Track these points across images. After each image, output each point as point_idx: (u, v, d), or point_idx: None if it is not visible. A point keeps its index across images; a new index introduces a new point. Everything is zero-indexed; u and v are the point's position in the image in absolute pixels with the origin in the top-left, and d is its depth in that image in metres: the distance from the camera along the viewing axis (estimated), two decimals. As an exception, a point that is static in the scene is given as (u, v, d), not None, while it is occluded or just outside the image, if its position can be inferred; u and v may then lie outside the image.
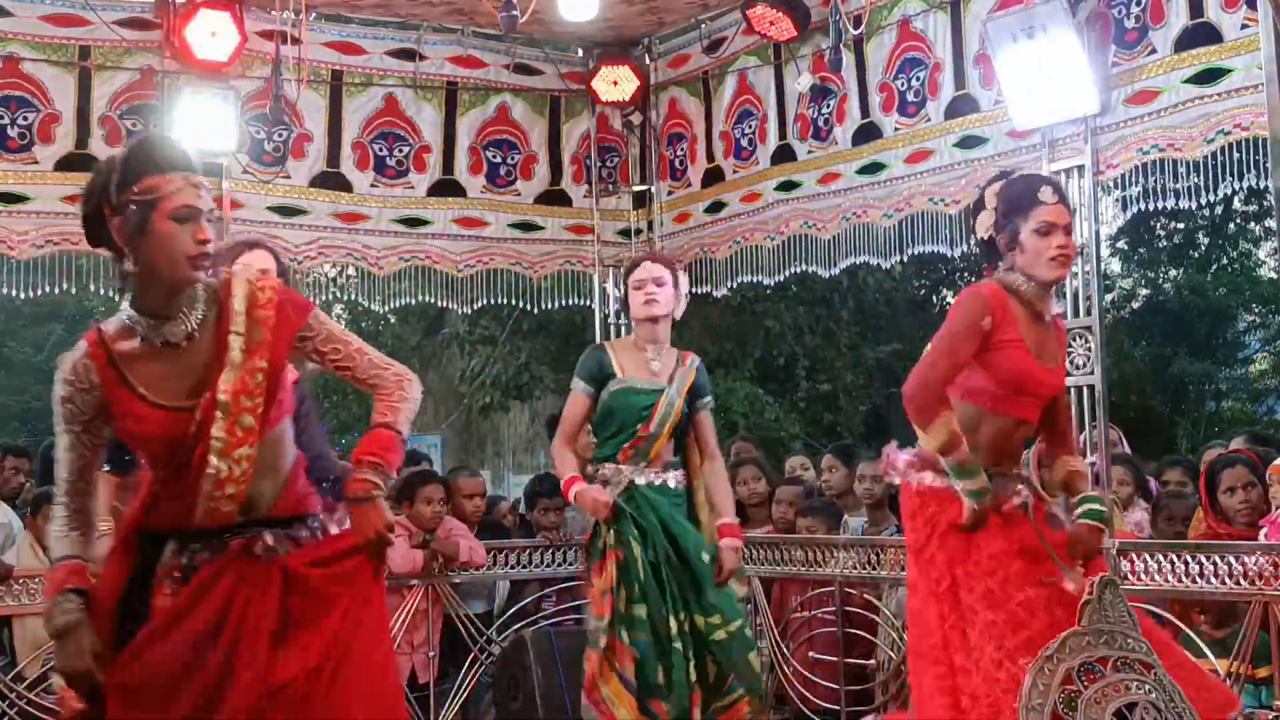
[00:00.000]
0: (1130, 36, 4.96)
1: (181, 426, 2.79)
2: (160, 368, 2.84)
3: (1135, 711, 3.36)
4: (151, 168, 2.82)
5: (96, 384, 2.82)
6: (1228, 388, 18.79)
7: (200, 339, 2.86)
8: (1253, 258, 19.05)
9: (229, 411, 2.79)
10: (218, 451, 2.78)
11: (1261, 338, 19.12)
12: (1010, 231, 3.77)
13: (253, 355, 2.84)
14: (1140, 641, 3.50)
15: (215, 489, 2.81)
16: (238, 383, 2.81)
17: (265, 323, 2.87)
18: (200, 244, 2.82)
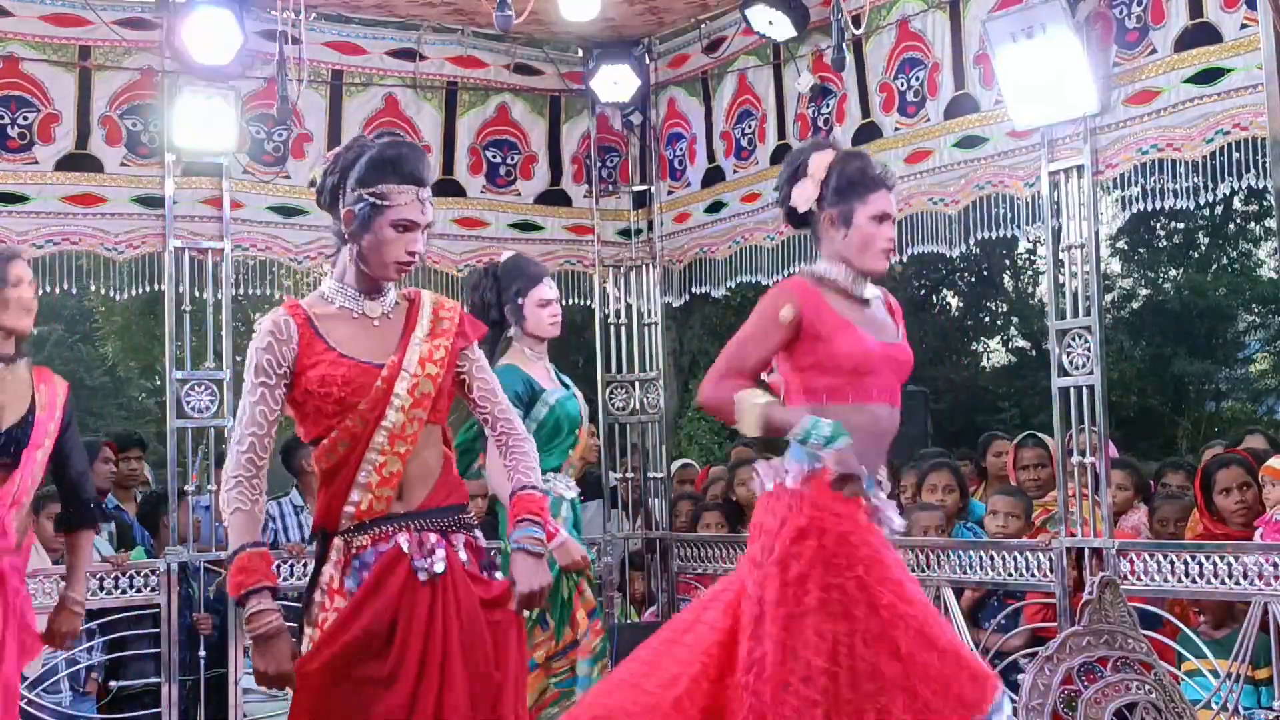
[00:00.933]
0: (1131, 36, 4.96)
1: (369, 377, 3.03)
2: (354, 331, 3.10)
3: (1135, 711, 3.36)
4: (391, 176, 3.05)
5: (295, 337, 3.04)
6: (1228, 388, 18.77)
7: (394, 319, 3.15)
8: (1253, 258, 19.03)
9: (412, 373, 3.06)
10: (397, 407, 3.03)
11: (1261, 338, 19.10)
12: (843, 211, 3.49)
13: (435, 336, 3.14)
14: (1140, 641, 3.50)
15: (388, 443, 3.01)
16: (424, 352, 3.10)
17: (450, 318, 3.19)
18: (410, 254, 3.08)
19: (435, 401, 3.10)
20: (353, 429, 3.02)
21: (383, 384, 3.03)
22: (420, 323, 3.14)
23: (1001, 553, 5.29)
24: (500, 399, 3.27)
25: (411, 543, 3.02)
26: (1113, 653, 3.39)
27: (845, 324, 3.44)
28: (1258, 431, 7.50)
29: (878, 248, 3.50)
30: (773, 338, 3.45)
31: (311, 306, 3.13)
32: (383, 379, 3.04)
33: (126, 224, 5.96)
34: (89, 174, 5.91)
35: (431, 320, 3.15)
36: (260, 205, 6.24)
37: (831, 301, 3.48)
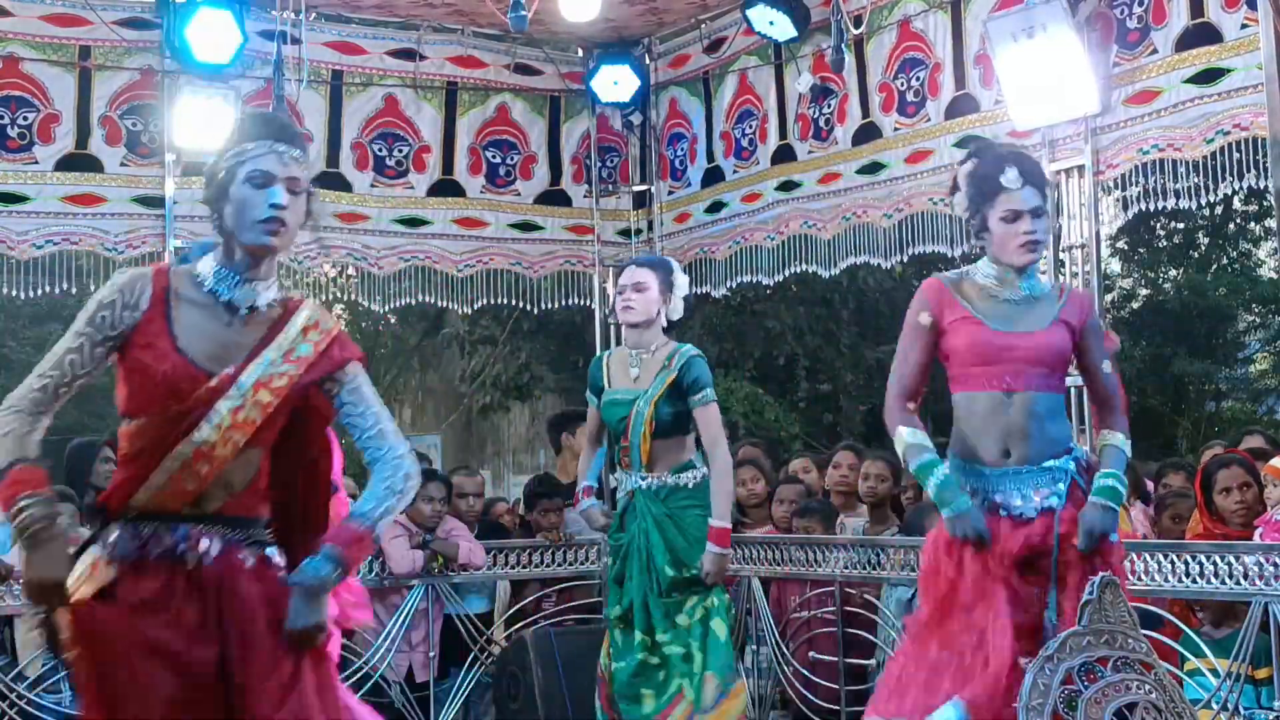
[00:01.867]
0: (1132, 37, 4.96)
1: (193, 385, 2.77)
2: (206, 322, 2.83)
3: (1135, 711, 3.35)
4: (241, 137, 2.87)
5: (142, 306, 2.79)
6: (1228, 388, 18.77)
7: (252, 323, 2.86)
8: (1253, 258, 19.03)
9: (241, 396, 2.78)
10: (215, 424, 2.76)
11: (1261, 338, 19.10)
12: (979, 218, 3.73)
13: (287, 360, 2.84)
14: (1140, 641, 3.49)
15: (192, 458, 2.75)
16: (263, 374, 2.81)
17: (315, 344, 2.88)
18: (273, 208, 2.79)
19: (259, 431, 2.81)
20: (160, 428, 2.76)
21: (205, 394, 2.76)
22: (282, 337, 2.84)
23: (1002, 553, 5.27)
24: (369, 422, 2.93)
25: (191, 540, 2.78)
26: (1113, 653, 3.38)
27: (964, 317, 3.71)
28: (1257, 431, 7.50)
29: (1015, 244, 3.67)
30: (921, 343, 3.75)
31: (177, 280, 2.85)
32: (207, 390, 2.76)
33: (126, 224, 5.96)
34: (89, 174, 5.91)
35: (295, 339, 2.85)
36: (260, 205, 6.23)
37: (962, 295, 3.75)
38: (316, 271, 6.42)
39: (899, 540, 5.50)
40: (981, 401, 3.70)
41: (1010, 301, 3.74)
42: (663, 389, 4.81)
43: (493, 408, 15.36)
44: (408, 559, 5.97)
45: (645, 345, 4.88)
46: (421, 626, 6.14)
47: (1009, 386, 3.68)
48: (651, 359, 4.88)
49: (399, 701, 6.06)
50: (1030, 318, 3.73)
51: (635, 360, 4.89)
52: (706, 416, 4.83)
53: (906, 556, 5.33)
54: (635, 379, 4.86)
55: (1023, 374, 3.68)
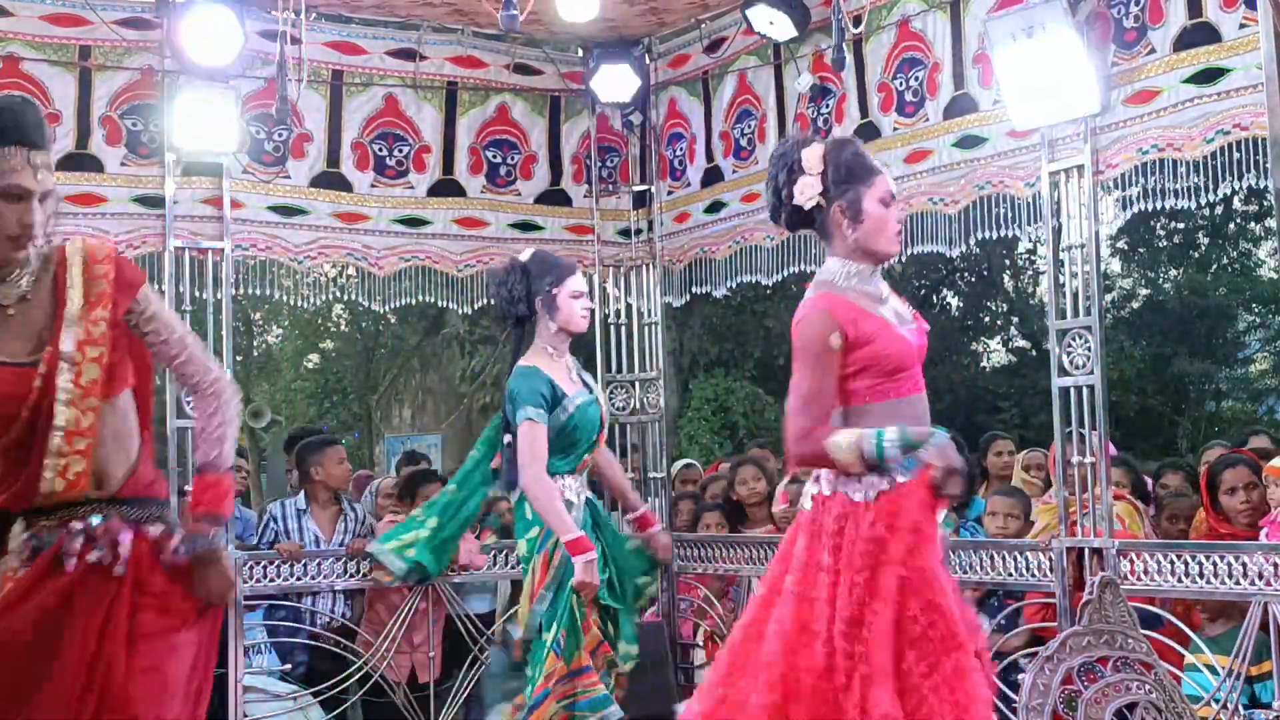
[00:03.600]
0: (1129, 36, 4.96)
1: (26, 382, 2.73)
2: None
3: (1135, 711, 3.36)
4: None
5: None
6: (1228, 388, 18.78)
7: (35, 300, 2.80)
8: (1253, 258, 19.05)
9: (73, 361, 2.74)
10: (65, 402, 2.72)
11: (1261, 338, 19.12)
12: (851, 199, 3.45)
13: (92, 307, 2.79)
14: (1140, 641, 3.49)
15: (65, 444, 2.72)
16: (81, 333, 2.76)
17: (105, 277, 2.82)
18: (23, 227, 2.71)
19: (108, 383, 2.79)
20: (21, 439, 2.73)
21: (41, 383, 2.72)
22: (71, 296, 2.78)
23: (1001, 553, 5.29)
24: (176, 349, 2.93)
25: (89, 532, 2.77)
26: (1113, 653, 3.39)
27: (883, 323, 3.42)
28: (1262, 432, 7.51)
29: (891, 230, 3.48)
30: (833, 368, 3.37)
31: None
32: (40, 377, 2.72)
33: (126, 224, 5.96)
34: (89, 174, 5.91)
35: (84, 286, 2.79)
36: (260, 205, 6.24)
37: (861, 303, 3.44)
38: (316, 272, 6.42)
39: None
40: (910, 406, 3.45)
41: (888, 301, 3.53)
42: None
43: (493, 408, 15.37)
44: (408, 559, 5.97)
45: (566, 351, 4.90)
46: (423, 627, 6.15)
47: (920, 387, 3.50)
48: (571, 364, 4.91)
49: (401, 703, 6.07)
50: (902, 316, 3.55)
51: (570, 364, 4.90)
52: None
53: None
54: (577, 381, 4.88)
55: (921, 373, 3.53)
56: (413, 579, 5.38)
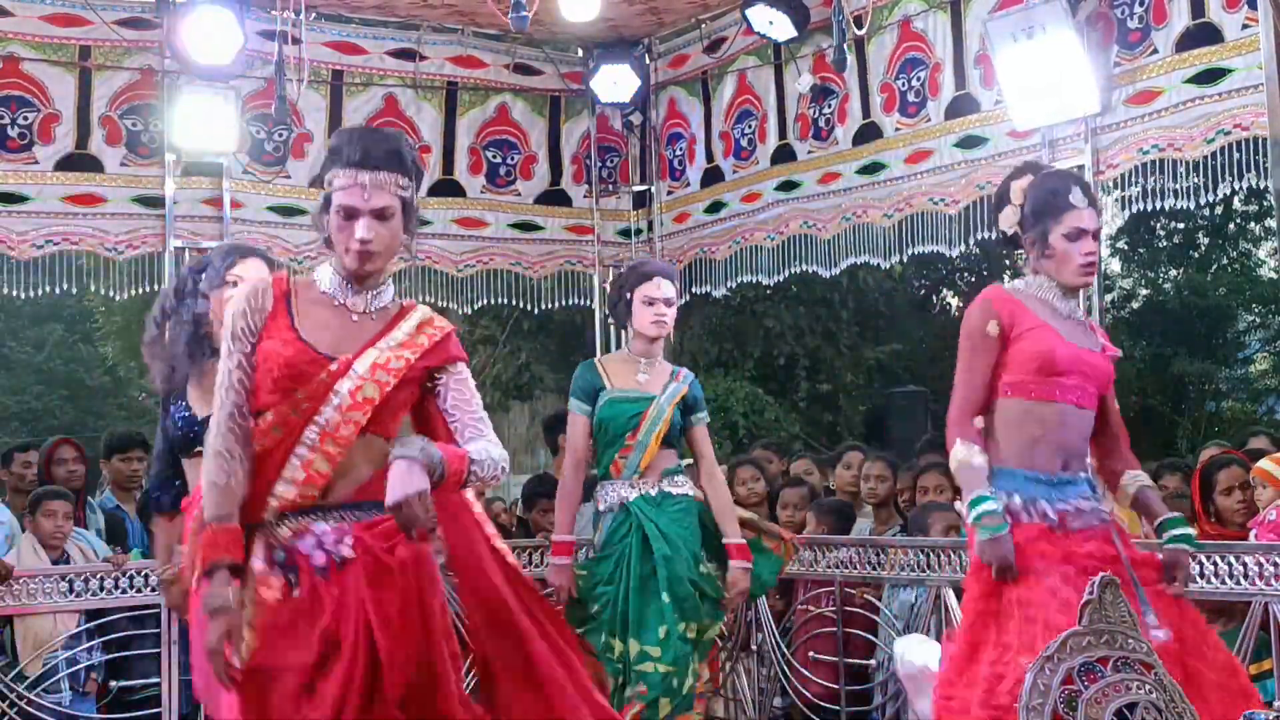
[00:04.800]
0: (1133, 37, 4.96)
1: (315, 367, 2.94)
2: (327, 318, 3.01)
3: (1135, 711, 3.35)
4: (335, 162, 2.98)
5: (266, 307, 2.99)
6: (1228, 388, 18.78)
7: (372, 322, 3.04)
8: (1253, 258, 19.04)
9: (359, 376, 2.95)
10: (334, 405, 2.93)
11: (1261, 338, 19.11)
12: (1038, 233, 3.68)
13: (404, 347, 3.02)
14: (1140, 641, 3.49)
15: (318, 440, 2.92)
16: (380, 358, 2.98)
17: (430, 337, 3.08)
18: (360, 242, 2.95)
19: (379, 411, 2.97)
20: (287, 416, 2.93)
21: (326, 377, 2.94)
22: (397, 330, 3.04)
23: (1002, 553, 5.27)
24: (473, 411, 3.11)
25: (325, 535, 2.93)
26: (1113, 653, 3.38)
27: (1040, 324, 3.63)
28: (1261, 432, 7.50)
29: (1075, 264, 3.65)
30: (990, 354, 3.64)
31: (298, 282, 3.06)
32: (328, 372, 2.94)
33: (126, 224, 5.96)
34: (89, 174, 5.91)
35: (410, 332, 3.05)
36: (260, 205, 6.24)
37: (1029, 305, 3.67)
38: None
39: (900, 540, 5.50)
40: (1048, 412, 3.66)
41: (1071, 319, 3.74)
42: (680, 395, 4.81)
43: (493, 408, 15.32)
44: (408, 559, 5.96)
45: (652, 355, 4.87)
46: (422, 627, 6.14)
47: (1078, 401, 3.69)
48: (657, 369, 4.88)
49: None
50: (1088, 338, 3.76)
51: (643, 367, 4.88)
52: (705, 435, 4.91)
53: (908, 557, 5.33)
54: (643, 384, 4.84)
55: (1088, 391, 3.71)
56: None
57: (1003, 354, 3.64)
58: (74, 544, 5.71)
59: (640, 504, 4.75)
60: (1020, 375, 3.63)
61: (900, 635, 5.38)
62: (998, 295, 3.71)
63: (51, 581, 5.43)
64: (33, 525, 5.69)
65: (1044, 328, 3.64)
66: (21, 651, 5.55)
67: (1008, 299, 3.69)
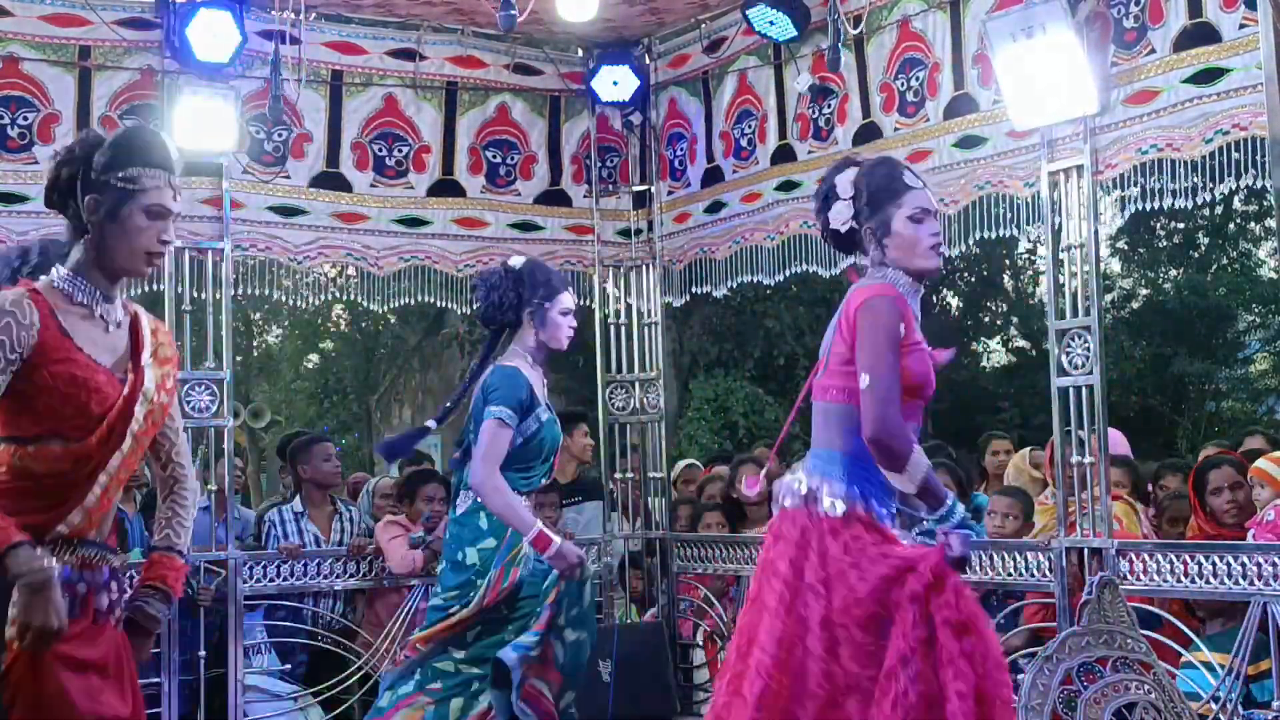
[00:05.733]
0: (1129, 36, 4.96)
1: (111, 388, 2.85)
2: (93, 333, 2.89)
3: (1134, 711, 3.36)
4: (139, 159, 2.88)
5: (36, 325, 2.80)
6: (1228, 388, 18.77)
7: (121, 332, 2.95)
8: (1253, 258, 19.04)
9: (148, 398, 2.89)
10: (133, 432, 2.86)
11: (1261, 338, 19.11)
12: (880, 220, 3.45)
13: (162, 363, 2.98)
14: (1139, 641, 3.49)
15: (118, 467, 2.85)
16: (157, 376, 2.93)
17: (168, 348, 3.04)
18: (162, 243, 2.91)
19: (162, 417, 2.97)
20: (89, 446, 2.80)
21: (122, 403, 2.85)
22: (146, 341, 2.95)
23: (1001, 553, 5.29)
24: (180, 441, 3.09)
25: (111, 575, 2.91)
26: (1112, 653, 3.39)
27: (919, 344, 3.39)
28: (1258, 432, 7.51)
29: (924, 246, 3.45)
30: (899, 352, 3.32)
31: (49, 295, 2.86)
32: (123, 398, 2.85)
33: (126, 224, 5.95)
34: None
35: (154, 344, 2.97)
36: (260, 205, 6.24)
37: (911, 315, 3.41)
38: (316, 272, 6.42)
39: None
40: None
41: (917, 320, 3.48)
42: None
43: (493, 408, 15.34)
44: (408, 559, 5.97)
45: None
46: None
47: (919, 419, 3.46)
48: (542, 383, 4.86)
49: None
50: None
51: (542, 376, 4.85)
52: None
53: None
54: (545, 395, 4.81)
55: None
56: None
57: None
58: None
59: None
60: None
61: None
62: (901, 300, 3.41)
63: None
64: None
65: (920, 346, 3.40)
66: (21, 651, 5.55)
67: (905, 305, 3.41)
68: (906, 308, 3.38)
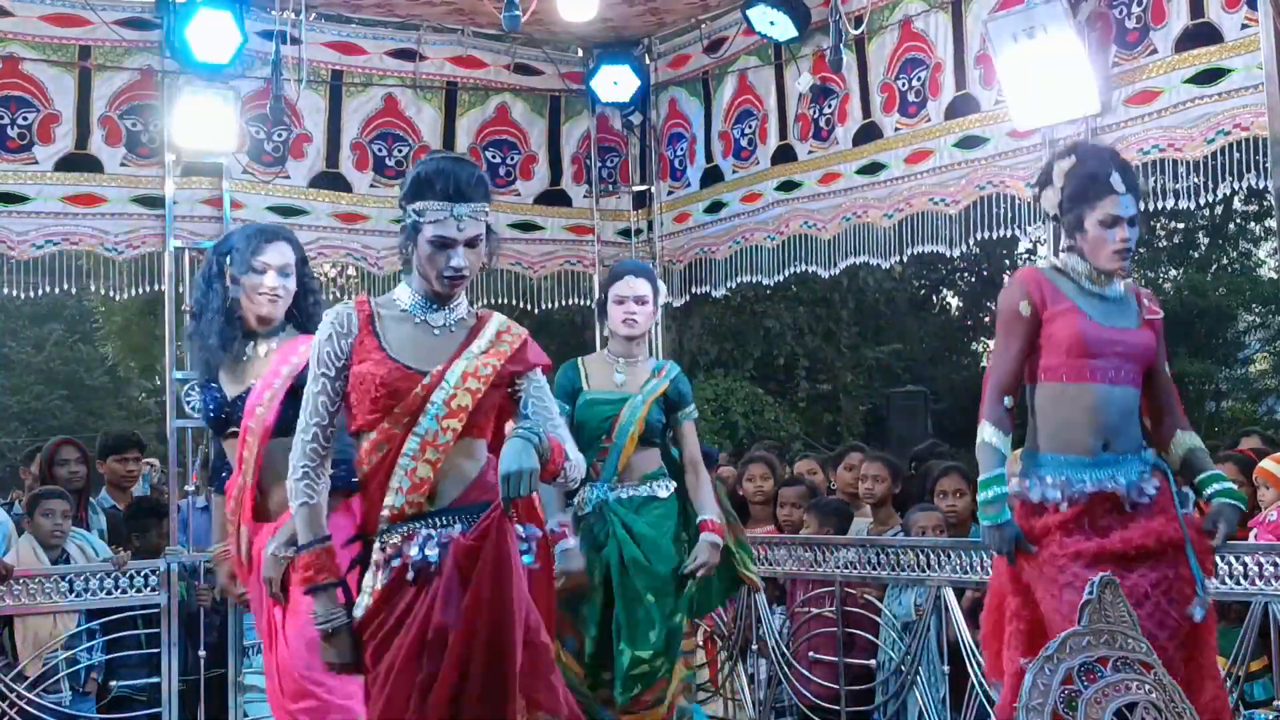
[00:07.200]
0: (1131, 37, 4.96)
1: (409, 382, 3.13)
2: (411, 335, 3.21)
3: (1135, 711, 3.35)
4: (427, 193, 3.15)
5: (354, 331, 3.18)
6: (1228, 388, 18.80)
7: (453, 335, 3.24)
8: (1253, 258, 19.07)
9: (452, 385, 3.15)
10: (431, 415, 3.12)
11: (1261, 338, 19.14)
12: (1074, 216, 3.69)
13: (488, 355, 3.22)
14: (1140, 641, 3.49)
15: (419, 449, 3.11)
16: (469, 367, 3.18)
17: (510, 343, 3.27)
18: (453, 269, 3.15)
19: (473, 415, 3.17)
20: (389, 431, 3.12)
21: (421, 391, 3.13)
22: (479, 339, 3.23)
23: (1002, 553, 5.27)
24: (552, 419, 3.30)
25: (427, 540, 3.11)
26: (1113, 653, 3.38)
27: (1069, 307, 3.66)
28: (1255, 432, 7.51)
29: (1108, 250, 3.69)
30: (1022, 333, 3.66)
31: (379, 304, 3.25)
32: (423, 386, 3.13)
33: (126, 224, 5.96)
34: (89, 174, 5.91)
35: (491, 340, 3.24)
36: (260, 205, 6.24)
37: (1062, 286, 3.70)
38: (316, 272, 6.41)
39: (900, 540, 5.50)
40: (1082, 393, 3.67)
41: (1104, 298, 3.75)
42: (657, 393, 4.77)
43: (492, 408, 15.35)
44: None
45: (632, 355, 4.85)
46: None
47: (1113, 380, 3.69)
48: (637, 368, 4.85)
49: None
50: (1124, 315, 3.76)
51: (621, 367, 4.86)
52: (691, 432, 4.90)
53: (908, 557, 5.33)
54: (620, 384, 4.82)
55: (1124, 369, 3.71)
56: None
57: (1037, 335, 3.67)
58: (74, 544, 5.70)
59: (617, 506, 4.71)
60: (1052, 359, 3.67)
61: (901, 635, 5.39)
62: (1030, 275, 3.74)
63: (51, 581, 5.44)
64: (31, 525, 5.69)
65: (1074, 309, 3.67)
66: (21, 651, 5.56)
67: (1040, 279, 3.72)
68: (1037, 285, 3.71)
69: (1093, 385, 3.66)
